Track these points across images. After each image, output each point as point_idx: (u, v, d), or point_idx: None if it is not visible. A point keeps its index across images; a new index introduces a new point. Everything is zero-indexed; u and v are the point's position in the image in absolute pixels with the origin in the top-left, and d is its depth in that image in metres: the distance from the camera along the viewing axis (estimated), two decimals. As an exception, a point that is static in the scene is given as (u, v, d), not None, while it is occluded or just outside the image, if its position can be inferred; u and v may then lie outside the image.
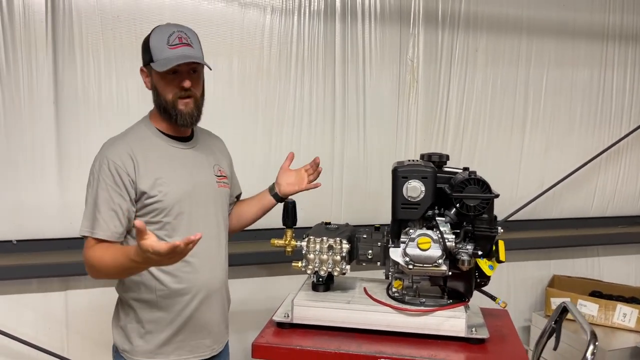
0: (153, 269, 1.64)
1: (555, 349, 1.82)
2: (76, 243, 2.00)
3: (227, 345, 1.91)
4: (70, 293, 2.54)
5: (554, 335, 1.87)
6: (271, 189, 2.02)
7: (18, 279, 2.42)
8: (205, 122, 2.52)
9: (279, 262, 2.79)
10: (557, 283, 3.22)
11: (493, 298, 1.80)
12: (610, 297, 3.03)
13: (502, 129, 3.15)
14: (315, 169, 2.00)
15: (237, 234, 2.76)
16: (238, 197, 2.08)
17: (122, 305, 1.73)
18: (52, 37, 2.42)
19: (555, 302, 3.05)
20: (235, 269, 2.72)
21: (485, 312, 1.90)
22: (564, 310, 1.85)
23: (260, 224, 2.83)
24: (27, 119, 2.42)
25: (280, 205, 2.00)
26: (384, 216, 2.89)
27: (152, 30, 1.68)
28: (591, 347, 1.57)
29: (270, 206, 2.03)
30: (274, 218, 2.75)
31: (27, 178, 2.44)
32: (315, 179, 2.01)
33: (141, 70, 1.70)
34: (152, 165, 1.63)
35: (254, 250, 2.67)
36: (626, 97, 3.33)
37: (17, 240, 2.47)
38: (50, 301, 2.50)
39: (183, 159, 1.70)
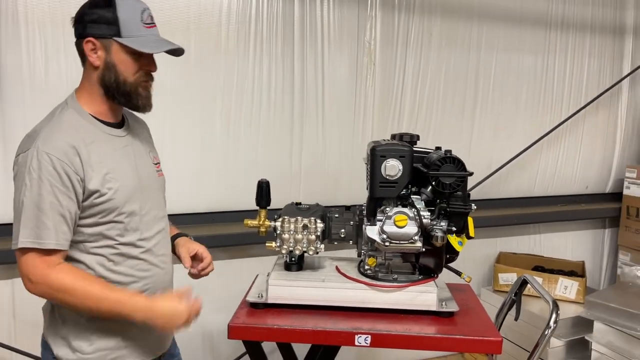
0: (104, 271, 1.46)
1: (516, 319, 1.92)
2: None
3: (174, 340, 1.79)
4: (17, 281, 2.39)
5: (514, 307, 1.98)
6: (174, 237, 1.78)
7: (-40, 267, 2.28)
8: (163, 101, 2.48)
9: (236, 244, 2.78)
10: (503, 259, 3.38)
11: (458, 273, 1.87)
12: (551, 271, 3.23)
13: (454, 111, 3.25)
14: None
15: (192, 217, 2.72)
16: None
17: (60, 312, 1.50)
18: (-7, 8, 2.26)
19: (503, 277, 3.22)
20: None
21: (450, 286, 1.98)
22: (523, 282, 1.95)
23: (212, 207, 2.81)
24: (-34, 98, 2.26)
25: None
26: (342, 198, 2.95)
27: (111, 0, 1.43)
28: (554, 316, 1.67)
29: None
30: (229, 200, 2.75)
31: (-31, 160, 2.29)
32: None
33: (88, 42, 1.43)
34: (96, 159, 1.43)
35: (209, 234, 2.61)
36: (566, 83, 3.52)
37: (-44, 226, 2.31)
38: (-5, 290, 2.37)
39: (124, 149, 1.53)
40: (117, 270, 1.48)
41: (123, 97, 1.49)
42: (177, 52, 1.55)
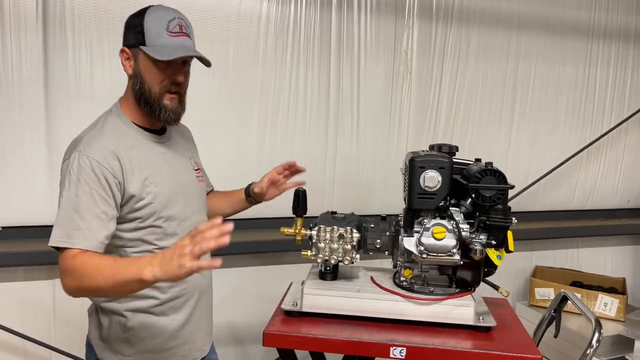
0: None
1: (556, 336, 1.88)
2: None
3: (212, 345, 1.83)
4: (58, 282, 2.45)
5: (553, 323, 1.93)
6: (247, 194, 1.93)
7: (4, 267, 2.35)
8: (200, 110, 2.52)
9: (271, 251, 2.80)
10: (539, 273, 3.31)
11: (496, 287, 1.83)
12: (590, 287, 3.13)
13: (490, 123, 3.21)
14: (288, 169, 1.91)
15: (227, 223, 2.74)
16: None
17: (104, 314, 1.55)
18: (42, 16, 2.34)
19: (539, 292, 3.15)
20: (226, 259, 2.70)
21: (486, 301, 1.94)
22: (563, 299, 1.90)
23: (248, 214, 2.83)
24: (15, 103, 2.34)
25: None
26: (375, 207, 2.94)
27: (145, 10, 1.50)
28: (597, 335, 1.63)
29: (243, 208, 1.96)
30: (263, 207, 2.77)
31: (15, 163, 2.36)
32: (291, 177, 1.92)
33: (122, 51, 1.51)
34: (137, 164, 1.47)
35: (244, 240, 2.63)
36: (608, 95, 3.43)
37: (3, 227, 2.39)
38: (37, 290, 2.44)
39: (164, 155, 1.57)
40: None
41: (148, 107, 1.50)
42: (205, 61, 1.55)
